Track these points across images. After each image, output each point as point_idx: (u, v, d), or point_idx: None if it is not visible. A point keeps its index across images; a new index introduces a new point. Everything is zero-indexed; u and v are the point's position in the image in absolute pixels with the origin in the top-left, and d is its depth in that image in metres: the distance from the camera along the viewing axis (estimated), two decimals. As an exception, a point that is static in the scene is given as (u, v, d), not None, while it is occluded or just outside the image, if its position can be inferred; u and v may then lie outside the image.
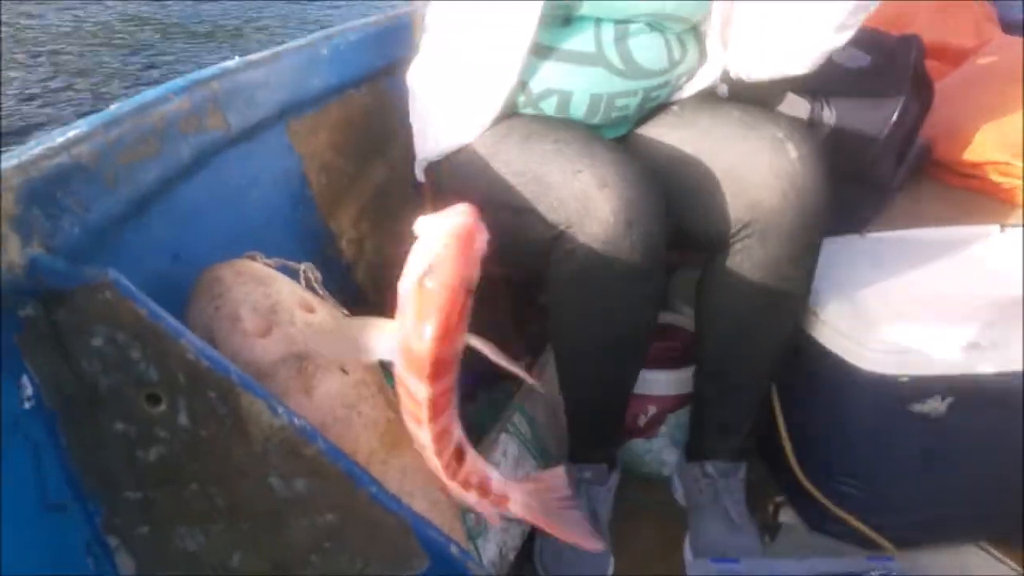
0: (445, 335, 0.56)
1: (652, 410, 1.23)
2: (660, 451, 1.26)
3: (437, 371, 0.58)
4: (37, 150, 0.66)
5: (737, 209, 0.98)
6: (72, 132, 0.70)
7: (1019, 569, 1.08)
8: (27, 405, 0.61)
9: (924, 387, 0.98)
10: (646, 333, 1.03)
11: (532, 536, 1.12)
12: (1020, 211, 1.19)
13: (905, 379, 0.97)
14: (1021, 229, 1.16)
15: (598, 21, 1.00)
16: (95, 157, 0.71)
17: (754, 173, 0.96)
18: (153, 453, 0.64)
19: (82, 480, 0.64)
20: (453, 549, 0.69)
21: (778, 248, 0.98)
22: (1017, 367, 0.96)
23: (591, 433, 1.13)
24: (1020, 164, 1.22)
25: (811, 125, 1.13)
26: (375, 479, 0.66)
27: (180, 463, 0.64)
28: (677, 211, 0.98)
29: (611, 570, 1.10)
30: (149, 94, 0.87)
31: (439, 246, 0.55)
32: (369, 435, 0.78)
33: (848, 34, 0.98)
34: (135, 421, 0.63)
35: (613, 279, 0.93)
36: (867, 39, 1.26)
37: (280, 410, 0.64)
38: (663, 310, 1.35)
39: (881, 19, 1.66)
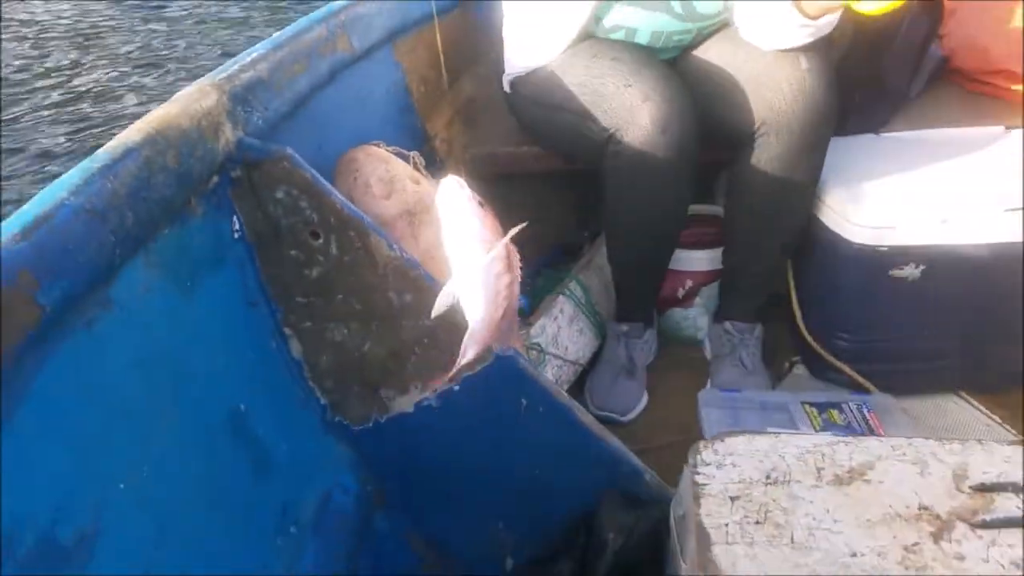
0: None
1: (689, 283, 1.48)
2: (695, 319, 1.51)
3: None
4: (235, 66, 0.97)
5: (757, 111, 1.18)
6: (255, 53, 1.01)
7: (989, 414, 1.30)
8: (235, 236, 0.94)
9: (900, 255, 1.18)
10: (678, 217, 1.28)
11: (584, 373, 1.42)
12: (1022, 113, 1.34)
13: (884, 249, 1.18)
14: (1022, 130, 1.33)
15: None
16: (269, 72, 1.01)
17: (771, 80, 1.17)
18: (315, 272, 0.96)
19: (269, 289, 0.98)
20: (511, 351, 0.99)
21: (790, 143, 1.19)
22: (981, 239, 1.16)
23: (632, 296, 1.40)
24: (1020, 71, 1.36)
25: (830, 40, 1.31)
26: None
27: (331, 279, 0.96)
28: (711, 113, 1.19)
29: (644, 402, 1.38)
30: (299, 24, 1.17)
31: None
32: (456, 273, 1.09)
33: (807, 32, 1.14)
34: (303, 249, 0.95)
35: (650, 174, 1.17)
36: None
37: (395, 246, 0.94)
38: (706, 202, 1.59)
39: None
